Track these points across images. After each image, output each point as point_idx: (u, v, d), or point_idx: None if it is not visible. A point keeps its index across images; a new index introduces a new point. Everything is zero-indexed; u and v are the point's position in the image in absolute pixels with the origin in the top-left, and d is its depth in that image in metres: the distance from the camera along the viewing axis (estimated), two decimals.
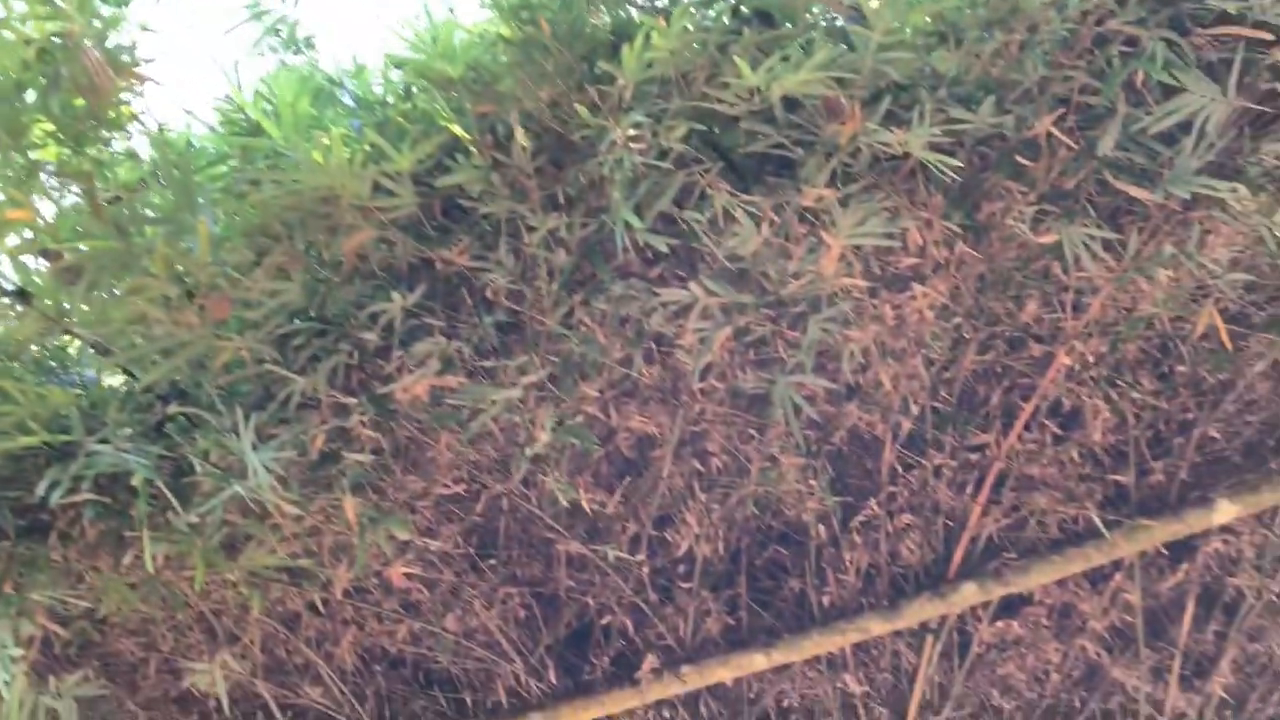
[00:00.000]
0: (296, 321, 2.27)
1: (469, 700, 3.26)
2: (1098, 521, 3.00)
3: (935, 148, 2.24)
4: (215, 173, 2.33)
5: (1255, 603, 3.31)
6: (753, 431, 2.93)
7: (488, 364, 2.29)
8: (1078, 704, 3.53)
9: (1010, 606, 3.33)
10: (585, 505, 2.67)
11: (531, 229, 2.31)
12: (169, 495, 2.21)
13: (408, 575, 2.85)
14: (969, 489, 3.06)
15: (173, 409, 2.27)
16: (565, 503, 2.60)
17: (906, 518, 3.11)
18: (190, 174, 2.17)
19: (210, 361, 2.24)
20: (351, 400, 2.18)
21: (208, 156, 2.39)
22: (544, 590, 3.15)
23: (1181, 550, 3.26)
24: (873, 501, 3.08)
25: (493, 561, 3.01)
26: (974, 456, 3.04)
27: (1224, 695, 3.49)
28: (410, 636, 3.11)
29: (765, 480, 2.96)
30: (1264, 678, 3.55)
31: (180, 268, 2.12)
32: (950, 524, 3.12)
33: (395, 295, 2.24)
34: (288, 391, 2.18)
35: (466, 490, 2.74)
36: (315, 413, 2.21)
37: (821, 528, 3.12)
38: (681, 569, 3.15)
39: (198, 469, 2.19)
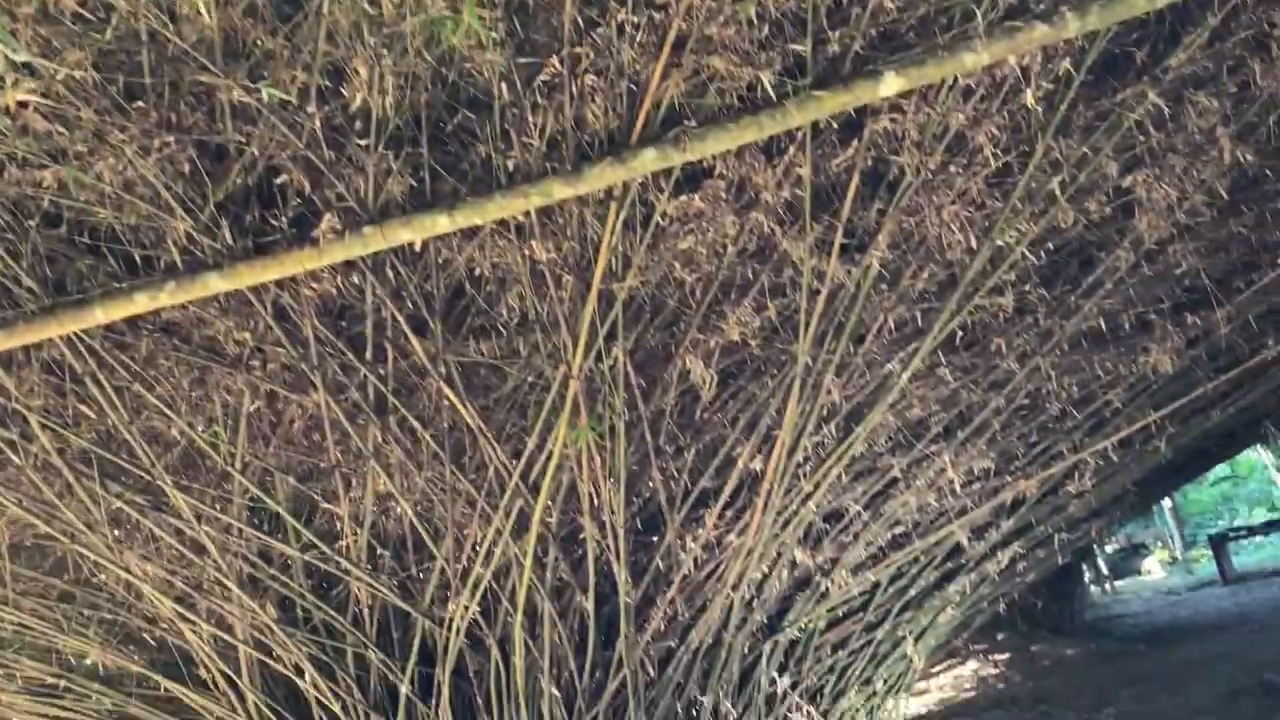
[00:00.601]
0: None
1: (139, 259, 3.16)
2: (770, 90, 3.06)
3: None
4: None
5: (914, 180, 3.55)
6: None
7: None
8: (751, 276, 3.80)
9: (692, 179, 3.45)
10: (210, 19, 2.43)
11: None
12: None
13: (39, 113, 2.61)
14: (652, 50, 3.04)
15: None
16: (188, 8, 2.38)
17: (590, 80, 3.08)
18: None
19: None
20: None
21: None
22: (208, 142, 2.99)
23: (851, 129, 3.42)
24: (555, 60, 3.02)
25: (141, 104, 2.79)
26: (657, 16, 2.99)
27: (881, 269, 3.83)
28: (60, 187, 2.91)
29: (440, 27, 2.82)
30: (918, 254, 3.90)
31: None
32: (634, 88, 3.12)
33: None
34: None
35: (86, 6, 2.46)
36: None
37: (504, 87, 3.06)
38: (358, 125, 3.05)
39: None
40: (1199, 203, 3.93)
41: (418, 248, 3.36)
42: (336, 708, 4.70)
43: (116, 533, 4.09)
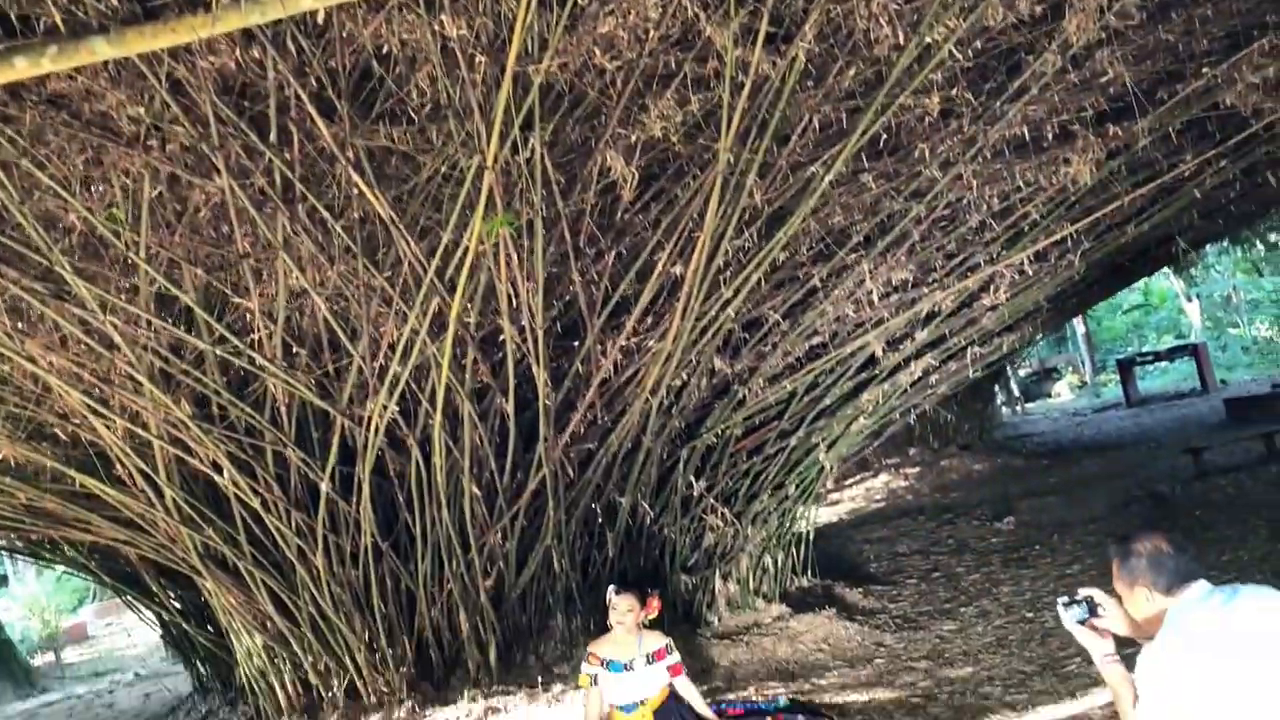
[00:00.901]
0: None
1: (15, 19, 2.93)
2: None
3: None
4: None
5: None
6: None
7: None
8: (674, 66, 3.67)
9: None
10: None
11: None
12: None
13: None
14: None
15: None
16: None
17: None
18: None
19: None
20: None
21: None
22: None
23: None
24: None
25: None
26: None
27: (807, 63, 3.72)
28: None
29: None
30: (844, 49, 3.80)
31: None
32: None
33: None
34: None
35: None
36: None
37: None
38: None
39: None
40: (1130, 4, 3.86)
41: (320, 19, 3.17)
42: (256, 504, 4.75)
43: (19, 324, 3.97)
